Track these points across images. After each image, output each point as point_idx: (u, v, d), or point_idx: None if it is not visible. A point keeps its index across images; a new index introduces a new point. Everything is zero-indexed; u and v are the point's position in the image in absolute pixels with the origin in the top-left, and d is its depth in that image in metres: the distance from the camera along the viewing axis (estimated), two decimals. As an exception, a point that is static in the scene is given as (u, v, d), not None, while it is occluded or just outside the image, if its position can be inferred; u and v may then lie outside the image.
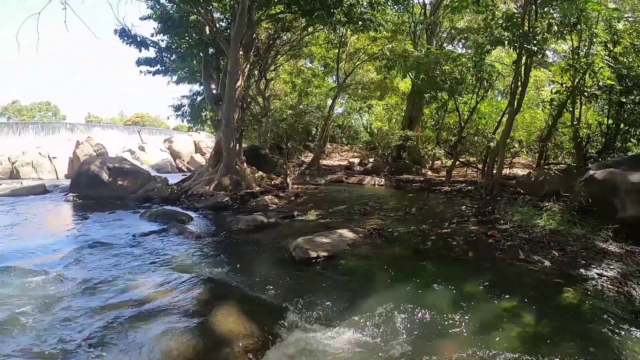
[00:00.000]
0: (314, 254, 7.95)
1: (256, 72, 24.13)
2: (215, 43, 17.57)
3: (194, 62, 20.04)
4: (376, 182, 18.47)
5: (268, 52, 23.79)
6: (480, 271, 7.31)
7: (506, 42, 13.42)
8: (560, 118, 16.75)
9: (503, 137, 15.23)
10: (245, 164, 17.25)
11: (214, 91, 18.82)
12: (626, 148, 16.07)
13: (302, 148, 29.74)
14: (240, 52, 16.90)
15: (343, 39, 26.05)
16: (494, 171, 16.22)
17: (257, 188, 16.43)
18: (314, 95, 30.78)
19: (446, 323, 5.45)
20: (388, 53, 20.93)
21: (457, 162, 18.75)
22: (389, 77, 26.76)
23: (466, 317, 5.56)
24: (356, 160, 28.07)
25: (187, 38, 18.25)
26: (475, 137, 18.66)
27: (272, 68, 26.73)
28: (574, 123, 15.77)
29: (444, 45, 24.33)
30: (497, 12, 14.13)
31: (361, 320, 5.43)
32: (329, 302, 6.02)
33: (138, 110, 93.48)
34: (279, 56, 25.89)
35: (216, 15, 19.18)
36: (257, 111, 23.95)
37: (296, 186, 16.55)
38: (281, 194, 14.90)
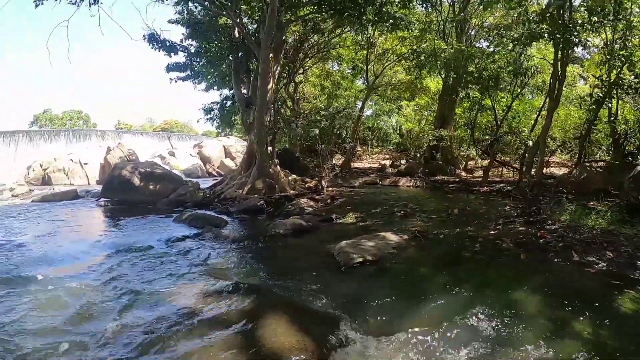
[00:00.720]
0: (359, 259, 7.48)
1: (285, 75, 23.79)
2: (245, 46, 17.25)
3: (223, 66, 19.68)
4: (411, 184, 17.92)
5: (297, 55, 23.44)
6: (534, 274, 6.78)
7: (546, 35, 12.72)
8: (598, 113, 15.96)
9: (543, 134, 14.68)
10: (278, 167, 16.86)
11: (245, 94, 18.48)
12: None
13: (335, 150, 29.36)
14: (271, 55, 16.52)
15: (371, 40, 25.56)
16: (532, 170, 15.68)
17: (291, 191, 16.03)
18: (343, 97, 30.28)
19: (508, 330, 4.99)
20: (420, 51, 20.25)
21: (494, 162, 17.95)
22: (419, 78, 26.26)
23: (527, 324, 5.10)
24: (388, 163, 27.54)
25: (216, 42, 17.89)
26: (510, 136, 18.01)
27: (301, 71, 26.37)
28: (611, 119, 15.31)
29: (474, 43, 23.62)
30: (529, 8, 13.79)
31: (421, 330, 4.95)
32: (383, 310, 5.56)
33: (167, 117, 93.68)
34: (307, 59, 25.51)
35: (244, 19, 18.85)
36: (287, 114, 23.60)
37: (331, 189, 16.08)
38: (317, 197, 14.44)
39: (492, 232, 9.37)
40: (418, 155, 26.29)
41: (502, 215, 10.94)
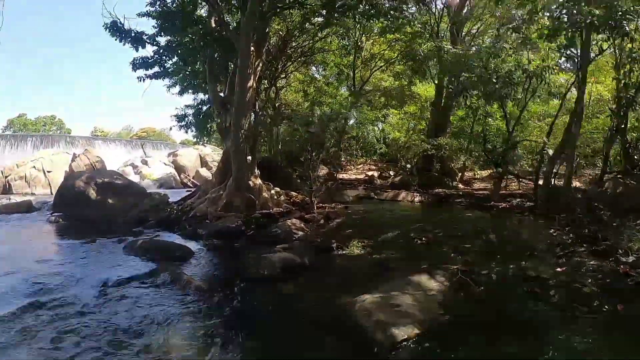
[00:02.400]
0: (402, 334, 4.39)
1: (266, 80, 20.75)
2: (222, 38, 13.98)
3: (198, 64, 16.35)
4: (413, 198, 14.88)
5: (279, 58, 20.36)
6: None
7: (596, 23, 9.90)
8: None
9: (571, 143, 11.85)
10: (259, 179, 13.57)
11: (221, 95, 15.11)
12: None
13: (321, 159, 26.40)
14: (252, 49, 13.38)
15: (359, 44, 22.69)
16: (551, 183, 12.96)
17: (275, 208, 12.86)
18: (327, 105, 27.21)
19: None
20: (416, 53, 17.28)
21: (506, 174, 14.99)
22: (407, 84, 23.50)
23: None
24: (375, 174, 24.47)
25: (190, 35, 14.62)
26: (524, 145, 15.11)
27: (283, 76, 23.30)
28: (621, 127, 13.04)
29: (472, 46, 20.77)
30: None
31: None
32: None
33: (146, 124, 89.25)
34: (290, 63, 22.48)
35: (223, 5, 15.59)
36: (268, 120, 20.39)
37: (322, 205, 12.92)
38: (307, 216, 11.32)
39: (558, 269, 6.74)
40: (409, 166, 23.22)
41: (554, 242, 8.24)
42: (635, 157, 13.95)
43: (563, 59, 14.22)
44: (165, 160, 33.93)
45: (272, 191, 14.16)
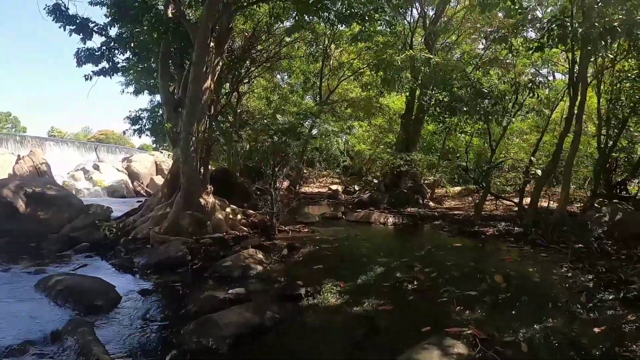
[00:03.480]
0: None
1: (228, 84, 18.72)
2: (179, 30, 11.85)
3: (152, 60, 14.12)
4: (386, 220, 13.02)
5: (243, 60, 18.36)
6: None
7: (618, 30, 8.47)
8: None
9: (567, 163, 10.33)
10: (211, 195, 11.44)
11: (176, 95, 12.85)
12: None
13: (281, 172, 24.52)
14: (212, 45, 11.41)
15: (327, 51, 20.92)
16: (538, 205, 11.52)
17: (230, 231, 10.83)
18: (291, 114, 25.28)
19: None
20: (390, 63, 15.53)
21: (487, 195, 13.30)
22: (375, 95, 21.85)
23: None
24: (339, 188, 22.62)
25: (145, 27, 12.44)
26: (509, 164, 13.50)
27: (246, 80, 21.30)
28: (601, 146, 12.44)
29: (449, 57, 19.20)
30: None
31: None
32: None
33: (106, 127, 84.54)
34: (254, 68, 20.53)
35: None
36: (228, 126, 18.30)
37: (285, 228, 10.93)
38: (266, 243, 9.29)
39: (596, 329, 5.10)
40: (375, 181, 21.46)
41: (573, 285, 6.60)
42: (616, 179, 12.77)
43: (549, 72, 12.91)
44: (119, 166, 31.05)
45: (228, 209, 12.10)
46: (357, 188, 22.51)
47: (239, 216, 12.23)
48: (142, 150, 43.68)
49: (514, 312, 5.55)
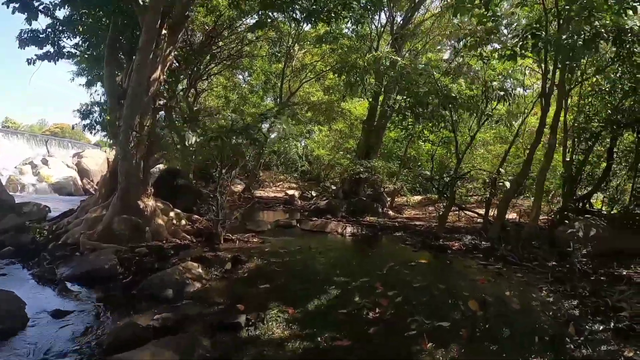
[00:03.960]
0: None
1: (186, 81, 17.49)
2: (129, 11, 10.50)
3: (102, 47, 12.64)
4: (344, 230, 11.89)
5: (201, 56, 17.12)
6: None
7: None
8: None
9: (540, 175, 9.49)
10: (152, 198, 10.08)
11: (122, 85, 11.33)
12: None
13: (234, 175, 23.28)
14: (164, 32, 10.17)
15: (290, 52, 19.86)
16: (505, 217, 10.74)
17: (171, 239, 9.53)
18: (250, 115, 24.04)
19: None
20: (362, 62, 14.52)
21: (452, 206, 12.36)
22: (337, 99, 20.88)
23: None
24: (296, 193, 21.42)
25: (96, 9, 11.08)
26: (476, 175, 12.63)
27: (205, 77, 20.02)
28: (566, 159, 11.90)
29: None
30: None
31: None
32: None
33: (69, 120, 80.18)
34: (214, 65, 19.32)
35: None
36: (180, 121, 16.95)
37: (232, 237, 9.69)
38: (208, 255, 8.03)
39: None
40: (333, 187, 20.38)
41: (558, 314, 5.81)
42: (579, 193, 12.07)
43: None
44: (69, 162, 28.94)
45: (172, 213, 10.77)
46: (314, 194, 21.36)
47: (183, 222, 10.91)
48: (97, 146, 41.30)
49: (495, 348, 4.59)
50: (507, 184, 10.48)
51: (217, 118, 19.27)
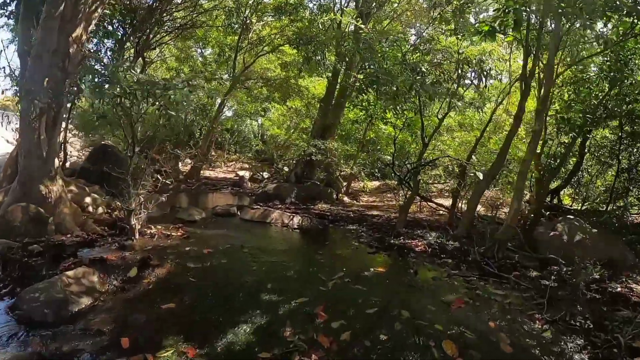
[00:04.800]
0: None
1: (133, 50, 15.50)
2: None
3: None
4: (290, 221, 9.96)
5: (148, 23, 14.84)
6: None
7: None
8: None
9: (523, 166, 7.82)
10: (61, 181, 7.86)
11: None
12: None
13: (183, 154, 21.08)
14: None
15: (247, 22, 17.71)
16: (476, 213, 9.12)
17: (77, 232, 7.43)
18: (203, 90, 21.75)
19: None
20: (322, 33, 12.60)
21: (415, 197, 10.57)
22: (294, 76, 18.88)
23: None
24: (247, 174, 19.39)
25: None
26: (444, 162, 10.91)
27: (154, 47, 17.71)
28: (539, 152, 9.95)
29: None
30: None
31: None
32: None
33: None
34: (166, 34, 17.10)
35: None
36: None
37: (152, 229, 7.68)
38: (113, 256, 6.04)
39: None
40: (286, 169, 18.37)
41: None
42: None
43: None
44: (9, 137, 25.63)
45: (88, 199, 8.68)
46: (265, 175, 19.36)
47: (100, 210, 8.80)
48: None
49: None
50: (480, 175, 8.76)
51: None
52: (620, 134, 10.00)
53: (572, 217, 8.53)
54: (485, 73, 9.30)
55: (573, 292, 5.69)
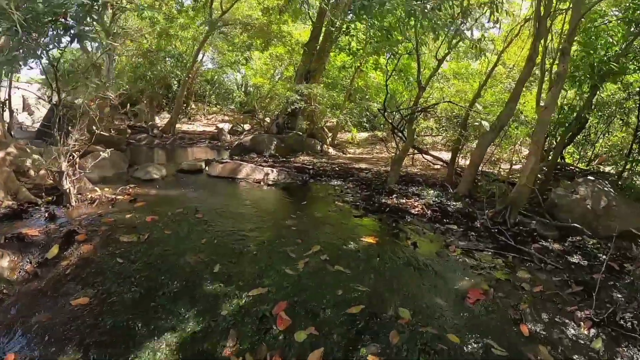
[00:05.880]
0: None
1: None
2: None
3: None
4: (264, 178, 8.36)
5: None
6: None
7: None
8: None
9: (543, 116, 6.25)
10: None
11: None
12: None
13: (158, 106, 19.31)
14: None
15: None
16: (480, 169, 7.62)
17: (8, 201, 5.76)
18: (179, 38, 19.50)
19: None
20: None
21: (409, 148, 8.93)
22: (276, 20, 16.90)
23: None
24: (226, 127, 17.64)
25: None
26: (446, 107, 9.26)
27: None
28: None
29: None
30: None
31: None
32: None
33: None
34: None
35: None
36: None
37: (94, 194, 6.07)
38: (34, 231, 4.52)
39: None
40: (268, 120, 16.59)
41: None
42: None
43: None
44: None
45: (28, 162, 6.97)
46: (246, 128, 17.60)
47: (42, 172, 7.10)
48: (28, 84, 34.97)
49: None
50: (486, 125, 7.13)
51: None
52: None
53: (592, 178, 6.98)
54: (498, 6, 7.52)
55: (629, 284, 4.21)
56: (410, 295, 3.59)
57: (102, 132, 10.61)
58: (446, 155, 10.54)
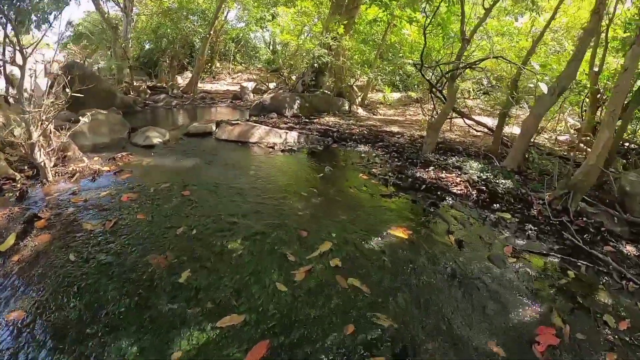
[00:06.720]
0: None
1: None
2: None
3: None
4: (282, 142, 7.20)
5: None
6: None
7: None
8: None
9: (623, 79, 4.72)
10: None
11: None
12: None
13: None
14: None
15: None
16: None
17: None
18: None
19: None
20: None
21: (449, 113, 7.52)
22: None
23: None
24: (250, 86, 16.41)
25: None
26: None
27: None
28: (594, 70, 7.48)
29: None
30: None
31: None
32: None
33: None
34: None
35: None
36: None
37: (80, 165, 5.11)
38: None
39: None
40: (294, 78, 15.23)
41: None
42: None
43: None
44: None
45: (17, 131, 5.93)
46: (271, 86, 16.33)
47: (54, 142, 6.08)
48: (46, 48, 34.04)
49: None
50: (544, 88, 5.67)
51: None
52: None
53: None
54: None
55: None
56: (456, 337, 2.39)
57: (116, 93, 9.56)
58: (487, 122, 9.12)
